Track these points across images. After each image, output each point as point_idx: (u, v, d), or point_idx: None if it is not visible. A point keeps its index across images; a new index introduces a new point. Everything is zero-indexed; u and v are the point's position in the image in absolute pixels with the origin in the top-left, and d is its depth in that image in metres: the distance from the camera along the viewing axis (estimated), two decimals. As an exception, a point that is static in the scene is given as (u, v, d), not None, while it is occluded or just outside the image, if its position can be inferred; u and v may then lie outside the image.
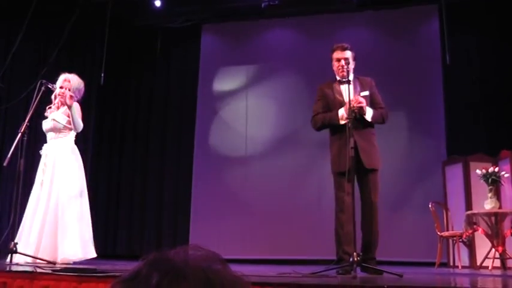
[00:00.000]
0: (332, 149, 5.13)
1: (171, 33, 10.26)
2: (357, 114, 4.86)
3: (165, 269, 0.91)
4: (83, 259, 5.49)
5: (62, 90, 5.81)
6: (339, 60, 5.13)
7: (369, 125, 5.09)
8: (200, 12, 9.99)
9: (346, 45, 5.21)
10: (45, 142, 5.83)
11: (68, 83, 5.86)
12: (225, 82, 10.11)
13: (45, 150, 5.72)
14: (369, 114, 4.98)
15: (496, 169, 6.67)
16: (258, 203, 9.28)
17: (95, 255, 5.65)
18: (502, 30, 8.87)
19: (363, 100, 4.90)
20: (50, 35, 9.19)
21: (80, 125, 5.77)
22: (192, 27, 10.18)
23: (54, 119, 5.73)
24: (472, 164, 7.37)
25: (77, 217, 5.57)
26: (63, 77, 5.91)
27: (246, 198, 9.39)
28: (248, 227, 9.22)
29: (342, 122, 4.93)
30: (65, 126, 5.74)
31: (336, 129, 5.06)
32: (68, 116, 5.74)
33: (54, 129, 5.73)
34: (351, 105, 4.72)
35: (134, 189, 10.09)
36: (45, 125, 5.78)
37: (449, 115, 8.93)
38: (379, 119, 5.11)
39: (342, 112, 4.97)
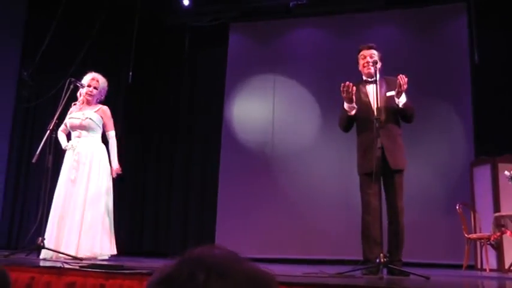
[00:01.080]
0: (358, 150, 5.10)
1: (199, 32, 10.29)
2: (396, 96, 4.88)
3: (209, 267, 0.93)
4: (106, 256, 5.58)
5: (90, 88, 5.90)
6: (364, 57, 5.12)
7: (396, 122, 5.05)
8: (228, 11, 10.02)
9: (371, 44, 5.21)
10: (69, 139, 5.89)
11: (97, 82, 5.95)
12: (253, 81, 10.11)
13: (74, 147, 5.76)
14: (403, 98, 4.93)
15: (525, 170, 6.56)
16: (284, 202, 9.27)
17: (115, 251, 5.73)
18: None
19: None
20: (79, 33, 9.28)
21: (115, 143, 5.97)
22: (220, 26, 10.21)
23: (90, 118, 5.81)
24: (501, 166, 7.28)
25: (108, 213, 5.69)
26: (91, 75, 5.98)
27: (272, 197, 9.38)
28: (275, 226, 9.21)
29: (353, 112, 5.00)
30: (98, 126, 5.85)
31: (362, 129, 5.03)
32: (101, 117, 5.87)
33: (87, 127, 5.80)
34: (400, 85, 4.76)
35: (160, 187, 10.15)
36: (75, 121, 5.82)
37: (477, 115, 8.82)
38: (409, 109, 5.01)
39: (346, 105, 5.00)
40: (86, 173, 5.62)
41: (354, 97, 4.95)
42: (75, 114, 5.85)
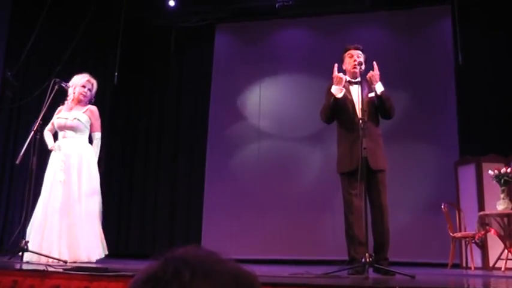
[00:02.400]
0: (340, 149, 5.11)
1: (185, 33, 10.28)
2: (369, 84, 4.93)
3: (193, 265, 0.93)
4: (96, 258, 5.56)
5: (85, 89, 5.88)
6: (351, 56, 5.13)
7: (376, 123, 5.07)
8: (214, 11, 10.00)
9: (359, 45, 5.22)
10: (56, 139, 5.85)
11: (92, 85, 5.94)
12: (239, 81, 10.11)
13: (61, 148, 5.72)
14: (379, 86, 4.96)
15: (509, 170, 6.63)
16: (270, 203, 9.27)
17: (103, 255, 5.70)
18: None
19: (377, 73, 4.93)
20: (65, 33, 9.22)
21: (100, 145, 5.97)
22: (206, 26, 10.20)
23: (77, 119, 5.77)
24: (485, 165, 7.34)
25: (96, 216, 5.67)
26: (86, 77, 5.94)
27: (258, 198, 9.38)
28: (261, 228, 9.22)
29: (339, 95, 4.96)
30: (86, 127, 5.81)
31: (344, 128, 5.03)
32: (89, 118, 5.85)
33: (74, 128, 5.76)
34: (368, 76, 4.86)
35: (146, 188, 10.11)
36: (62, 121, 5.77)
37: (461, 116, 8.89)
38: (387, 99, 5.02)
39: (334, 88, 4.98)
40: (76, 175, 5.59)
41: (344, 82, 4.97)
42: (63, 114, 5.81)
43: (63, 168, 5.59)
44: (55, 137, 5.88)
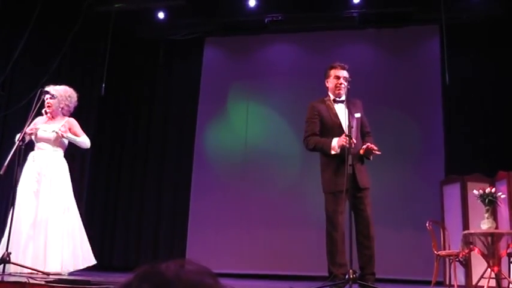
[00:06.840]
0: (326, 169, 5.10)
1: (173, 46, 10.27)
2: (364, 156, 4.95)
3: (156, 282, 0.90)
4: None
5: (47, 101, 5.79)
6: (338, 77, 5.14)
7: (361, 142, 5.11)
8: (203, 25, 10.01)
9: (345, 65, 5.24)
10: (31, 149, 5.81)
11: (53, 92, 5.79)
12: (227, 95, 10.10)
13: (35, 158, 5.68)
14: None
15: (493, 190, 6.65)
16: (256, 218, 9.26)
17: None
18: (502, 51, 8.90)
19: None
20: (52, 44, 9.17)
21: (88, 142, 5.85)
22: (195, 40, 10.20)
23: (55, 131, 5.71)
24: (470, 184, 7.37)
25: (75, 227, 5.61)
26: (47, 89, 5.79)
27: (244, 213, 9.36)
28: (246, 242, 9.19)
29: (333, 153, 4.92)
30: (63, 141, 5.77)
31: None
32: (69, 129, 5.80)
33: (52, 141, 5.71)
34: (367, 148, 4.84)
35: (132, 201, 10.05)
36: (42, 134, 5.73)
37: (448, 135, 8.96)
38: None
39: (334, 143, 4.93)
40: (48, 185, 5.54)
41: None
42: (43, 126, 5.77)
43: (37, 179, 5.55)
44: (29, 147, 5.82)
